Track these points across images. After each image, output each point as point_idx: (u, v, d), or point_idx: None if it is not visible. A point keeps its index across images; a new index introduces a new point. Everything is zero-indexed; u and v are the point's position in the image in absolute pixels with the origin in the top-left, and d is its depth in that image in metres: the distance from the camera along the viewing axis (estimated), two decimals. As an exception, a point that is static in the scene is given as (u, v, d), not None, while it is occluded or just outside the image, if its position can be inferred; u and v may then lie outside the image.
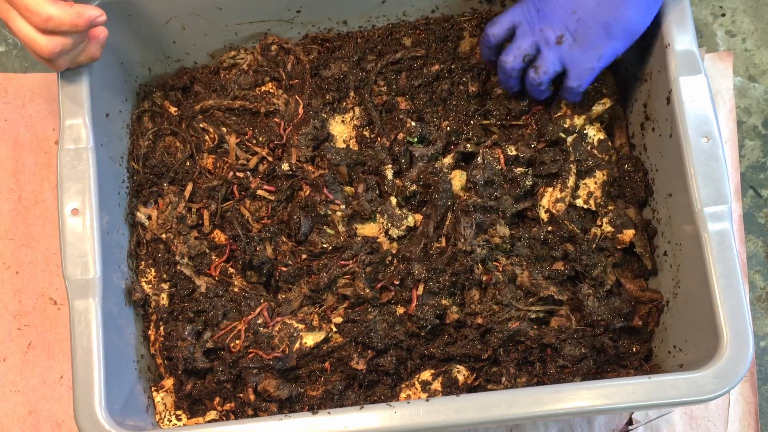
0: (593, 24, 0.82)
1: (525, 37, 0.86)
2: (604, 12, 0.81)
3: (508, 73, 0.89)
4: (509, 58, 0.87)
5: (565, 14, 0.83)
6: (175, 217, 0.91)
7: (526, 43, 0.86)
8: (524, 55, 0.86)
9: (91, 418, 0.75)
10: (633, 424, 0.95)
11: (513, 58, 0.87)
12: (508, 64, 0.88)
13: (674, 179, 0.83)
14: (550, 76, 0.86)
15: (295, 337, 0.86)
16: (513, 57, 0.87)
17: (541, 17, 0.84)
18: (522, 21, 0.86)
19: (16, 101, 1.05)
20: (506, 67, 0.88)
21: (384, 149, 0.92)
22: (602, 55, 0.83)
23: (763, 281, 1.01)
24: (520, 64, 0.87)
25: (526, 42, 0.86)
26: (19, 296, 0.99)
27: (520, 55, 0.87)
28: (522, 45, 0.86)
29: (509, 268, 0.87)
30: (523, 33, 0.86)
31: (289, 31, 0.96)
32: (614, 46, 0.83)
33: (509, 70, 0.88)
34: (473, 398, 0.75)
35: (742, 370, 0.74)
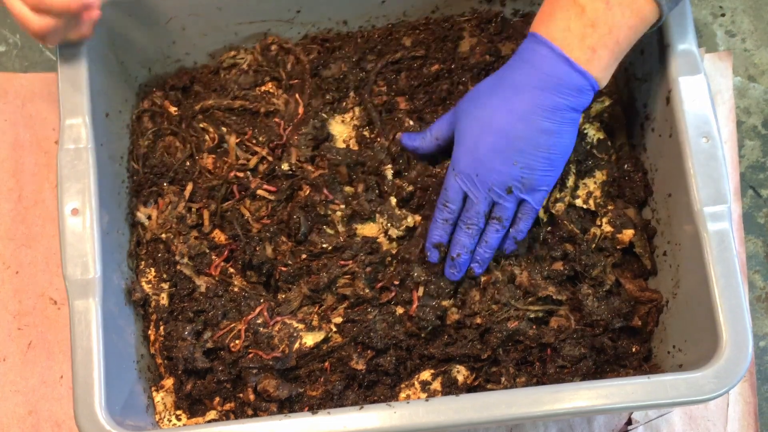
0: (541, 165, 0.81)
1: (476, 201, 0.83)
2: (542, 148, 0.80)
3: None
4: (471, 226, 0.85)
5: (506, 169, 0.81)
6: (175, 217, 0.91)
7: (480, 205, 0.84)
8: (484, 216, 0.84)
9: (91, 418, 0.75)
10: (632, 424, 0.95)
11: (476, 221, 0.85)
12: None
13: (674, 179, 0.83)
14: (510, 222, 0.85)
15: (294, 337, 0.86)
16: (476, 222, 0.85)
17: (481, 179, 0.82)
18: (467, 189, 0.84)
19: (16, 101, 1.05)
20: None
21: (383, 149, 0.92)
22: (550, 182, 0.84)
23: (763, 281, 1.01)
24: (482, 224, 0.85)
25: (479, 204, 0.84)
26: (19, 296, 0.99)
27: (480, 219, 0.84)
28: (479, 209, 0.84)
29: (508, 268, 0.88)
30: (474, 199, 0.84)
31: (289, 31, 0.96)
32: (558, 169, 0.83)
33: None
34: (473, 398, 0.75)
35: (742, 370, 0.74)
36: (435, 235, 0.86)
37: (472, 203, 0.84)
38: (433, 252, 0.86)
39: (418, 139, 0.90)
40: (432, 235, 0.86)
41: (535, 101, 0.79)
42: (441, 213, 0.86)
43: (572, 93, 0.79)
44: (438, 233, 0.86)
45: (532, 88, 0.79)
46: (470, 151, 0.83)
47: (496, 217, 0.84)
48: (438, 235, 0.86)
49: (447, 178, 0.85)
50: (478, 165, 0.82)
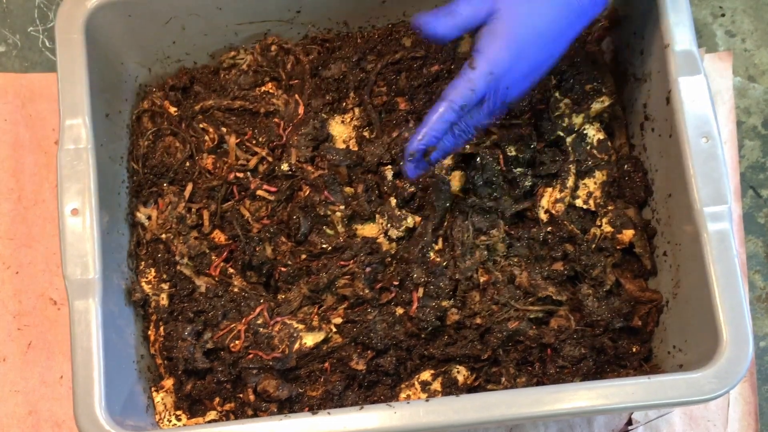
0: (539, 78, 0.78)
1: (486, 113, 0.77)
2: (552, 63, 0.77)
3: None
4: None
5: (528, 85, 0.78)
6: (175, 217, 0.91)
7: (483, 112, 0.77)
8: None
9: (91, 418, 0.75)
10: (633, 424, 0.95)
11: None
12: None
13: (674, 179, 0.83)
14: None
15: (294, 337, 0.86)
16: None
17: (506, 95, 0.76)
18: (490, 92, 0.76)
19: (16, 101, 1.05)
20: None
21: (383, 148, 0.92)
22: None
23: (763, 281, 1.01)
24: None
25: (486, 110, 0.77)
26: (19, 296, 0.99)
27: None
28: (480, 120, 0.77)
29: (508, 269, 0.88)
30: (487, 107, 0.77)
31: (289, 31, 0.96)
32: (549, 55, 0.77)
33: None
34: (473, 398, 0.75)
35: (742, 370, 0.74)
36: (433, 136, 0.75)
37: (479, 112, 0.76)
38: (420, 153, 0.77)
39: (442, 19, 0.74)
40: (428, 135, 0.75)
41: (571, 16, 0.75)
42: (449, 114, 0.75)
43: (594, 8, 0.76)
44: (436, 136, 0.76)
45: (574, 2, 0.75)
46: (515, 59, 0.74)
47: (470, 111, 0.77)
48: (436, 138, 0.76)
49: (478, 77, 0.74)
50: (517, 79, 0.75)
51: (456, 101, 0.75)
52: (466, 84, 0.74)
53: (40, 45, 1.08)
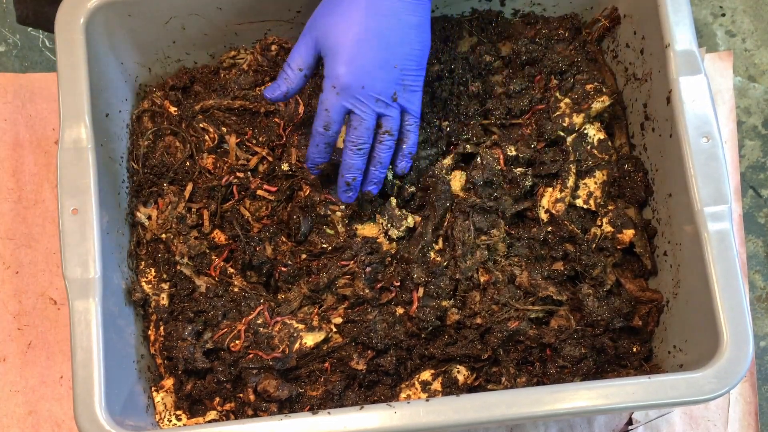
0: (414, 65, 0.80)
1: (364, 116, 0.80)
2: (414, 44, 0.79)
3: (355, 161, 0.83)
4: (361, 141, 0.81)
5: (389, 74, 0.79)
6: (175, 217, 0.91)
7: (369, 120, 0.80)
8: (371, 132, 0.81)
9: (91, 418, 0.75)
10: (633, 424, 0.95)
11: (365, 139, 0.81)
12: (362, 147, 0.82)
13: (674, 179, 0.83)
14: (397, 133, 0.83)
15: (295, 337, 0.86)
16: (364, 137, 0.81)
17: (368, 90, 0.79)
18: (351, 106, 0.80)
19: (16, 101, 1.05)
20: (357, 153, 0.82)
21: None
22: (421, 84, 0.81)
23: (763, 281, 1.01)
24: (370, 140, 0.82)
25: (367, 119, 0.80)
26: (19, 296, 0.99)
27: (368, 134, 0.81)
28: (366, 124, 0.80)
29: (508, 269, 0.88)
30: (361, 114, 0.80)
31: (289, 31, 0.96)
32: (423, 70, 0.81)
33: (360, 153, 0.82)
34: (473, 398, 0.75)
35: (742, 370, 0.74)
36: (317, 157, 0.84)
37: (359, 120, 0.80)
38: (316, 171, 0.85)
39: (281, 84, 0.83)
40: (314, 158, 0.84)
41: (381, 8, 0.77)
42: (321, 137, 0.82)
43: None
44: (321, 156, 0.84)
45: None
46: (350, 62, 0.78)
47: (386, 131, 0.81)
48: (321, 157, 0.84)
49: (326, 99, 0.79)
50: (363, 75, 0.78)
51: (317, 125, 0.81)
52: (320, 107, 0.80)
53: (40, 45, 1.08)
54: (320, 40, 0.79)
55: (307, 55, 0.81)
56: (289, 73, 0.83)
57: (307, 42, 0.81)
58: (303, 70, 0.82)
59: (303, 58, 0.81)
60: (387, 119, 0.81)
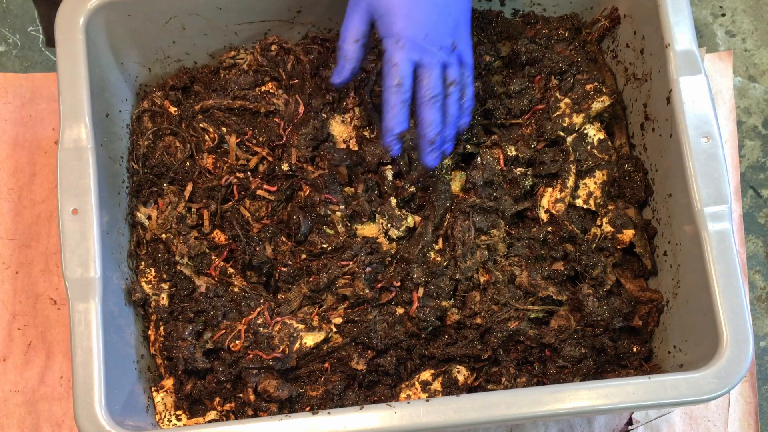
0: (464, 15, 0.81)
1: (433, 65, 0.79)
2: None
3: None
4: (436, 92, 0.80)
5: (445, 24, 0.79)
6: (175, 217, 0.91)
7: (438, 69, 0.80)
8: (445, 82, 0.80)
9: (91, 418, 0.75)
10: (633, 424, 0.95)
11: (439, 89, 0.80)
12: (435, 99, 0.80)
13: (674, 179, 0.83)
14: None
15: (295, 337, 0.86)
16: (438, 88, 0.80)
17: (430, 39, 0.79)
18: (419, 57, 0.79)
19: (16, 101, 1.05)
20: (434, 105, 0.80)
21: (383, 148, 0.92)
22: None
23: (763, 281, 1.01)
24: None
25: (436, 67, 0.79)
26: (19, 296, 0.99)
27: (440, 84, 0.80)
28: (436, 72, 0.79)
29: (508, 269, 0.87)
30: (429, 65, 0.79)
31: (289, 31, 0.96)
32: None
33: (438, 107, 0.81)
34: (473, 398, 0.75)
35: (742, 370, 0.74)
36: (396, 123, 0.79)
37: (428, 71, 0.79)
38: (396, 144, 0.80)
39: (344, 64, 0.82)
40: (393, 125, 0.79)
41: None
42: (397, 96, 0.78)
43: None
44: (399, 120, 0.79)
45: None
46: (409, 15, 0.78)
47: (451, 82, 0.80)
48: (400, 122, 0.79)
49: (392, 56, 0.78)
50: (423, 26, 0.78)
51: (388, 84, 0.78)
52: (386, 66, 0.78)
53: (40, 45, 1.08)
54: (372, 5, 0.79)
55: (360, 24, 0.80)
56: (347, 49, 0.81)
57: (358, 12, 0.80)
58: (359, 40, 0.81)
59: (357, 29, 0.80)
60: (451, 69, 0.80)
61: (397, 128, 0.79)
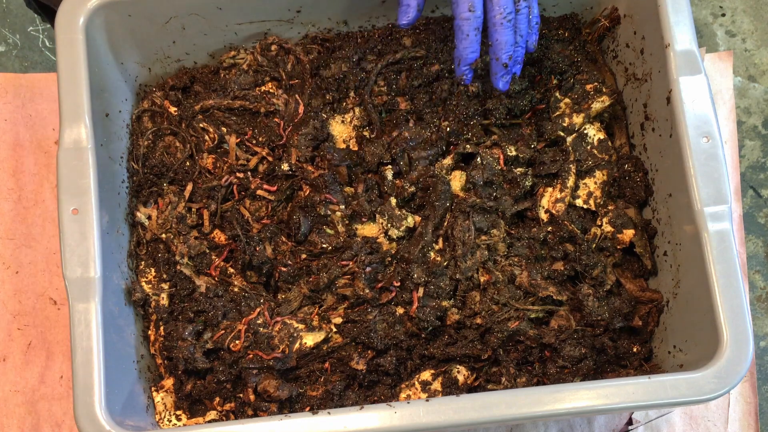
0: None
1: None
2: None
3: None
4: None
5: None
6: (175, 217, 0.91)
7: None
8: None
9: (91, 418, 0.75)
10: (633, 424, 0.95)
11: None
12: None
13: (674, 179, 0.83)
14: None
15: (295, 337, 0.86)
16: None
17: None
18: None
19: (16, 101, 1.05)
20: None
21: (383, 148, 0.92)
22: None
23: (763, 281, 1.01)
24: None
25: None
26: (19, 296, 0.99)
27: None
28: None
29: (508, 269, 0.88)
30: None
31: (289, 31, 0.96)
32: None
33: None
34: (473, 398, 0.75)
35: (743, 370, 0.74)
36: (470, 51, 0.77)
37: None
38: (470, 73, 0.79)
39: (409, 2, 0.79)
40: (467, 54, 0.78)
41: None
42: (470, 22, 0.76)
43: None
44: (473, 48, 0.77)
45: None
46: None
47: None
48: (474, 50, 0.77)
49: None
50: None
51: (460, 11, 0.76)
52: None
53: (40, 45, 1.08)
54: None
55: None
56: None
57: None
58: None
59: None
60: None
61: (471, 56, 0.78)
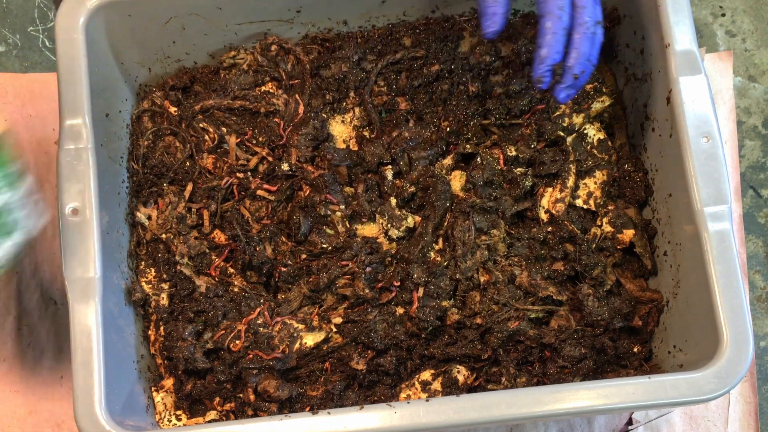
0: None
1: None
2: None
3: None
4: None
5: None
6: (175, 217, 0.91)
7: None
8: None
9: (91, 418, 0.75)
10: (633, 424, 0.95)
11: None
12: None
13: (674, 179, 0.83)
14: None
15: (295, 337, 0.86)
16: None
17: None
18: None
19: (16, 101, 1.05)
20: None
21: (383, 148, 0.92)
22: None
23: (763, 281, 1.01)
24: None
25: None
26: (19, 296, 0.99)
27: None
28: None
29: (508, 269, 0.88)
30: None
31: (289, 31, 0.96)
32: None
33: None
34: (473, 398, 0.75)
35: (743, 370, 0.74)
36: (555, 51, 0.74)
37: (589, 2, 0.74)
38: (548, 77, 0.75)
39: (495, 9, 0.76)
40: (552, 53, 0.74)
41: None
42: (560, 21, 0.73)
43: None
44: (558, 48, 0.73)
45: None
46: None
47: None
48: (558, 50, 0.73)
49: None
50: None
51: (551, 8, 0.73)
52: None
53: (40, 45, 1.08)
54: None
55: None
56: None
57: None
58: None
59: None
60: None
61: (556, 57, 0.74)
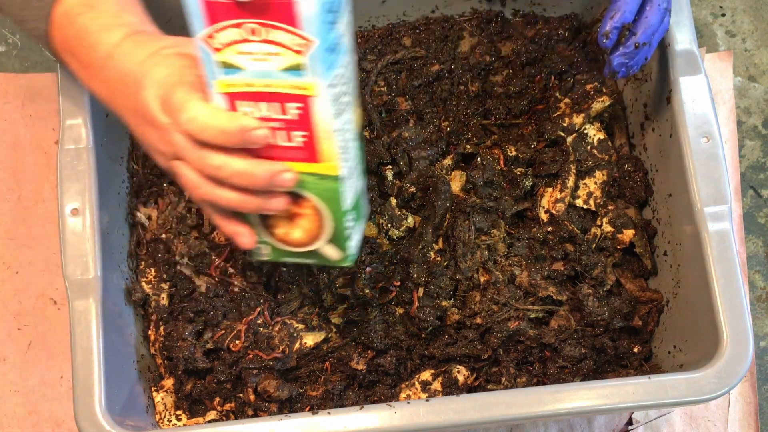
0: None
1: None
2: None
3: None
4: None
5: None
6: (175, 217, 0.91)
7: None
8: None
9: (91, 418, 0.75)
10: (633, 424, 0.95)
11: None
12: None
13: (674, 179, 0.83)
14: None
15: (295, 337, 0.86)
16: None
17: None
18: None
19: (16, 101, 1.05)
20: None
21: (383, 148, 0.92)
22: None
23: (763, 281, 1.01)
24: None
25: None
26: (19, 296, 0.99)
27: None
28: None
29: (508, 269, 0.88)
30: None
31: (289, 31, 0.96)
32: None
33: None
34: (473, 398, 0.75)
35: (743, 370, 0.74)
36: (629, 11, 0.71)
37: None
38: (614, 34, 0.72)
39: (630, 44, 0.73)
40: (625, 11, 0.71)
41: None
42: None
43: None
44: (632, 9, 0.71)
45: None
46: None
47: None
48: (632, 11, 0.71)
49: None
50: None
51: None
52: None
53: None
54: None
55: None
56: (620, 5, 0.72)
57: None
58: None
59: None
60: None
61: (627, 17, 0.71)
